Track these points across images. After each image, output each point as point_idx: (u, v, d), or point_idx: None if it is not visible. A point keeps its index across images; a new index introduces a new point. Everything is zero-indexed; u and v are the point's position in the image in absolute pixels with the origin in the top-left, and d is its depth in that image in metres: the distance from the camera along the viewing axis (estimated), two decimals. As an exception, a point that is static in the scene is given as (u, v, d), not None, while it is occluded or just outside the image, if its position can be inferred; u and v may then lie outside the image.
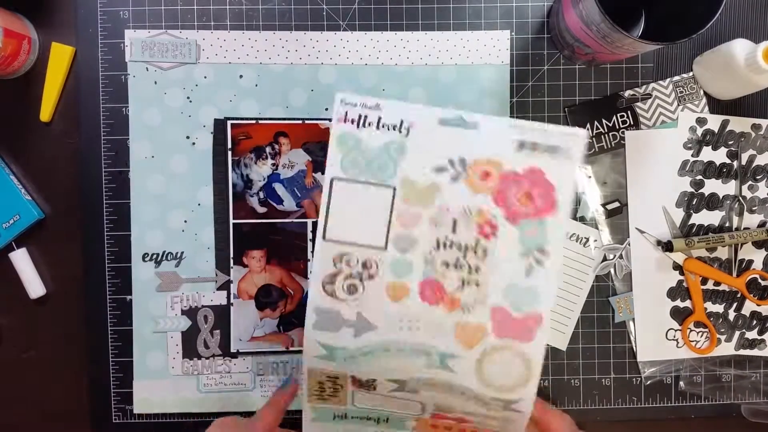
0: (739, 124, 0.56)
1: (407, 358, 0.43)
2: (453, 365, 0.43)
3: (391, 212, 0.42)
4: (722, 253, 0.57)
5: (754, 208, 0.57)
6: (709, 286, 0.57)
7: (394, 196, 0.41)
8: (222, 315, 0.55)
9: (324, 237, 0.42)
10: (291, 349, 0.56)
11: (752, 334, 0.57)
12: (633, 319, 0.57)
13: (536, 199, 0.40)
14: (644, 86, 0.56)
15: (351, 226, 0.42)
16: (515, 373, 0.42)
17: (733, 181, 0.57)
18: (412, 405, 0.46)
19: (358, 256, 0.42)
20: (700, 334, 0.57)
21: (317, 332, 0.43)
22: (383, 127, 0.41)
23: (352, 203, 0.42)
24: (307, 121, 0.55)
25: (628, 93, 0.56)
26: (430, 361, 0.43)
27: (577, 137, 0.40)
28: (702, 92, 0.56)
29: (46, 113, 0.55)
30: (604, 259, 0.57)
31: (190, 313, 0.55)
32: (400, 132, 0.41)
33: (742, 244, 0.57)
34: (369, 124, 0.41)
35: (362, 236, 0.42)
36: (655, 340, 0.57)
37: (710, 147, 0.56)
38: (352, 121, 0.41)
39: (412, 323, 0.43)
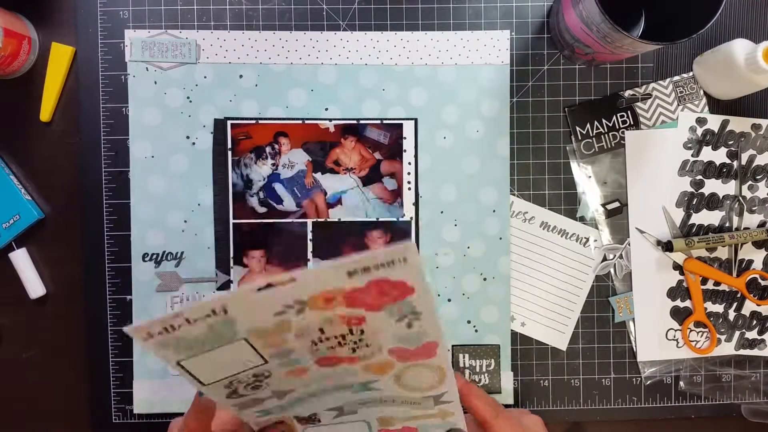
0: (739, 124, 0.56)
1: (334, 394, 0.45)
2: (375, 386, 0.45)
3: (255, 349, 0.39)
4: (722, 253, 0.57)
5: (754, 208, 0.57)
6: (709, 286, 0.57)
7: (249, 342, 0.39)
8: (222, 315, 0.55)
9: (204, 385, 0.40)
10: (291, 349, 0.56)
11: (752, 334, 0.57)
12: (633, 319, 0.57)
13: (390, 292, 0.37)
14: (644, 86, 0.56)
15: (223, 368, 0.40)
16: (430, 379, 0.44)
17: (733, 181, 0.57)
18: (359, 426, 0.48)
19: (246, 375, 0.41)
20: (700, 334, 0.57)
21: (247, 411, 0.44)
22: (194, 322, 0.36)
23: (213, 362, 0.39)
24: (307, 121, 0.55)
25: (628, 93, 0.56)
26: (355, 389, 0.45)
27: (407, 249, 0.34)
28: (702, 92, 0.56)
29: (46, 113, 0.55)
30: (604, 259, 0.57)
31: (190, 313, 0.55)
32: (217, 315, 0.36)
33: (742, 244, 0.57)
34: (179, 327, 0.36)
35: (239, 367, 0.40)
36: (655, 340, 0.57)
37: (710, 147, 0.56)
38: (161, 333, 0.36)
39: (325, 378, 0.44)
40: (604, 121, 0.56)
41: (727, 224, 0.57)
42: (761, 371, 0.58)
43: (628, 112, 0.56)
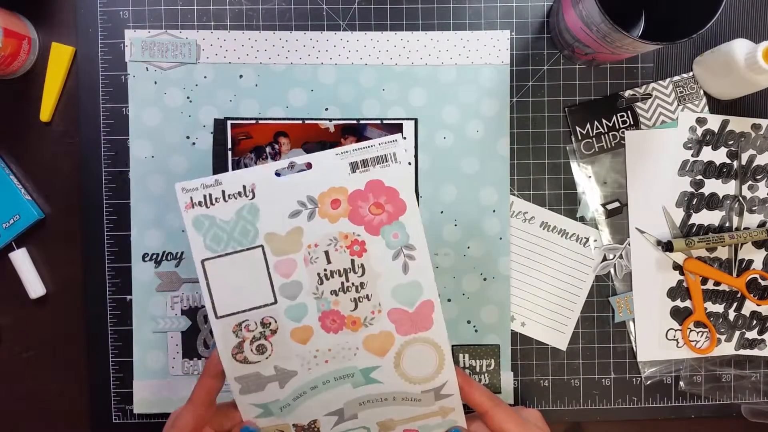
0: (739, 124, 0.56)
1: (335, 387, 0.47)
2: (376, 376, 0.47)
3: (268, 268, 0.44)
4: (722, 253, 0.57)
5: (754, 208, 0.57)
6: (709, 286, 0.57)
7: (264, 254, 0.44)
8: (222, 315, 0.55)
9: (216, 316, 0.44)
10: (291, 349, 0.56)
11: (752, 334, 0.57)
12: (633, 319, 0.57)
13: (385, 206, 0.44)
14: (644, 86, 0.56)
15: (237, 295, 0.45)
16: (429, 360, 0.46)
17: (733, 181, 0.57)
18: None
19: (255, 319, 0.45)
20: (700, 334, 0.57)
21: (246, 396, 0.46)
22: (230, 197, 0.44)
23: (229, 275, 0.44)
24: (307, 121, 0.55)
25: (628, 93, 0.56)
26: (356, 380, 0.47)
27: (396, 142, 0.44)
28: (702, 92, 0.56)
29: (46, 113, 0.55)
30: (604, 259, 0.57)
31: (190, 313, 0.55)
32: (247, 196, 0.44)
33: (742, 244, 0.57)
34: (216, 200, 0.44)
35: (251, 300, 0.45)
36: (655, 340, 0.57)
37: (710, 147, 0.56)
38: (200, 204, 0.44)
39: (327, 355, 0.46)
40: (604, 121, 0.56)
41: (727, 224, 0.57)
42: (761, 371, 0.58)
43: (628, 112, 0.56)
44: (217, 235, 0.44)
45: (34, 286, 0.55)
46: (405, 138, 0.54)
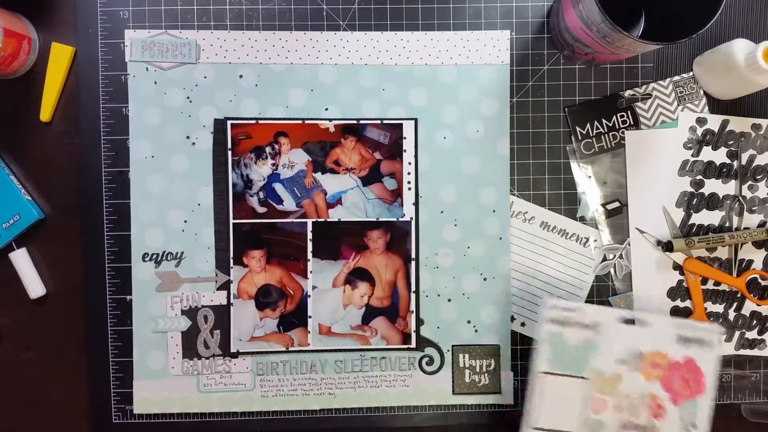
0: (739, 124, 0.56)
1: None
2: None
3: (585, 400, 0.49)
4: (722, 253, 0.57)
5: (754, 208, 0.57)
6: (709, 286, 0.57)
7: (587, 387, 0.49)
8: (222, 315, 0.55)
9: (532, 426, 0.49)
10: (291, 349, 0.56)
11: (752, 334, 0.57)
12: (633, 319, 0.57)
13: (691, 382, 0.49)
14: (644, 86, 0.56)
15: (552, 414, 0.49)
16: None
17: (733, 181, 0.57)
18: None
19: None
20: (700, 334, 0.57)
21: None
22: (579, 326, 0.50)
23: (553, 393, 0.49)
24: (307, 121, 0.55)
25: (628, 93, 0.56)
26: None
27: (713, 330, 0.50)
28: (702, 92, 0.56)
29: (46, 113, 0.55)
30: (604, 259, 0.57)
31: (190, 313, 0.55)
32: (591, 329, 0.49)
33: (742, 244, 0.57)
34: (570, 325, 0.50)
35: (562, 424, 0.49)
36: (655, 340, 0.57)
37: (710, 147, 0.56)
38: (560, 323, 0.49)
39: None
40: (604, 121, 0.56)
41: (727, 224, 0.57)
42: (761, 371, 0.58)
43: (628, 112, 0.56)
44: (559, 355, 0.49)
45: (34, 286, 0.55)
46: (723, 331, 0.55)
